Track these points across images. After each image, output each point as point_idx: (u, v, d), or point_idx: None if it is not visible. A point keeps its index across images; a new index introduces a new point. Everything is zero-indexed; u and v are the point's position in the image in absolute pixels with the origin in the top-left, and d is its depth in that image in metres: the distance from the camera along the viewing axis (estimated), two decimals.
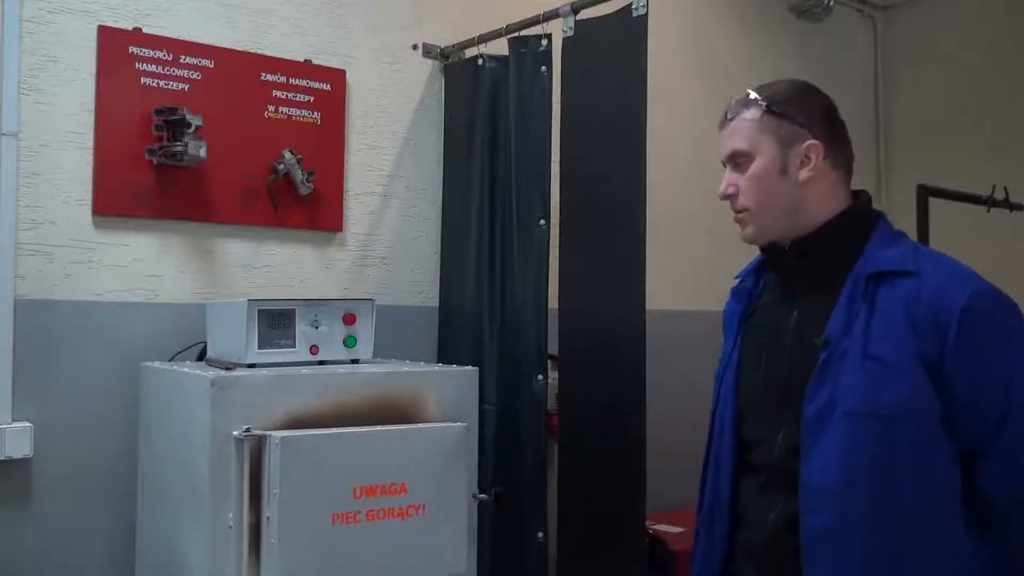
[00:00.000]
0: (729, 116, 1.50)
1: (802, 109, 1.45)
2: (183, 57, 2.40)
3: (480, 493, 2.06)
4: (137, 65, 2.33)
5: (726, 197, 1.50)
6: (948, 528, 1.30)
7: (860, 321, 1.34)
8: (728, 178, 1.49)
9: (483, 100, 2.71)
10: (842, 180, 1.47)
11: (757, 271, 1.61)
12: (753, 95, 1.47)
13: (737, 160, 1.47)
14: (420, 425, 1.99)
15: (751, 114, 1.46)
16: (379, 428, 1.93)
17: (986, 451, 1.31)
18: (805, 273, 1.46)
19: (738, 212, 1.49)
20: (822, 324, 1.38)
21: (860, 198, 1.50)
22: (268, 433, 1.79)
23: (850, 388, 1.32)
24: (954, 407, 1.30)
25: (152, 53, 2.35)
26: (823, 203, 1.44)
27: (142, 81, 2.33)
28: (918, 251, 1.41)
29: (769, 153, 1.44)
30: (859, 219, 1.46)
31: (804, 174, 1.43)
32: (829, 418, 1.33)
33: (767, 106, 1.45)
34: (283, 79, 2.57)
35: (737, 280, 1.64)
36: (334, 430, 1.87)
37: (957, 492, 1.31)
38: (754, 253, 1.59)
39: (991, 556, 1.32)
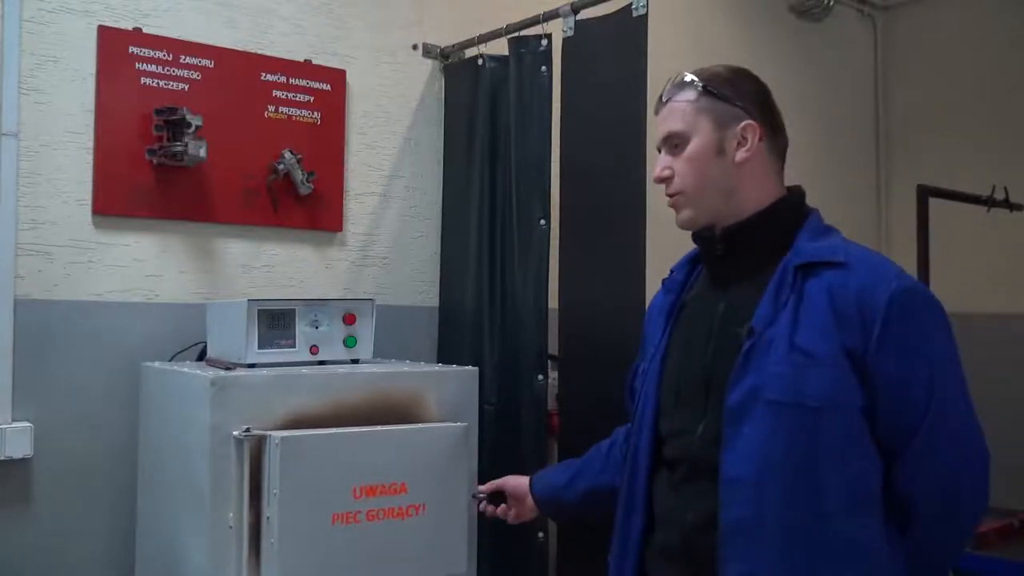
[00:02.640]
0: (664, 99, 1.48)
1: (738, 90, 1.43)
2: (183, 57, 2.40)
3: (479, 493, 2.05)
4: (137, 65, 2.33)
5: (661, 180, 1.47)
6: (868, 527, 1.28)
7: (787, 311, 1.32)
8: (663, 160, 1.47)
9: (483, 100, 2.71)
10: (776, 168, 1.46)
11: (690, 264, 1.58)
12: (689, 76, 1.45)
13: (673, 142, 1.45)
14: (421, 425, 1.99)
15: (687, 95, 1.44)
16: (379, 428, 1.93)
17: (905, 449, 1.29)
18: (734, 264, 1.44)
19: (672, 195, 1.47)
20: (748, 314, 1.35)
21: (793, 191, 1.47)
22: (268, 433, 1.79)
23: (776, 377, 1.29)
24: (876, 403, 1.28)
25: (152, 53, 2.35)
26: (757, 188, 1.42)
27: (142, 81, 2.33)
28: (847, 245, 1.38)
29: (705, 133, 1.42)
30: (789, 211, 1.44)
31: (741, 154, 1.41)
32: (751, 407, 1.29)
33: (703, 86, 1.43)
34: (283, 79, 2.57)
35: (670, 273, 1.62)
36: (334, 430, 1.87)
37: (878, 490, 1.30)
38: None
39: (907, 556, 1.31)
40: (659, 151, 1.49)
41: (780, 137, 1.47)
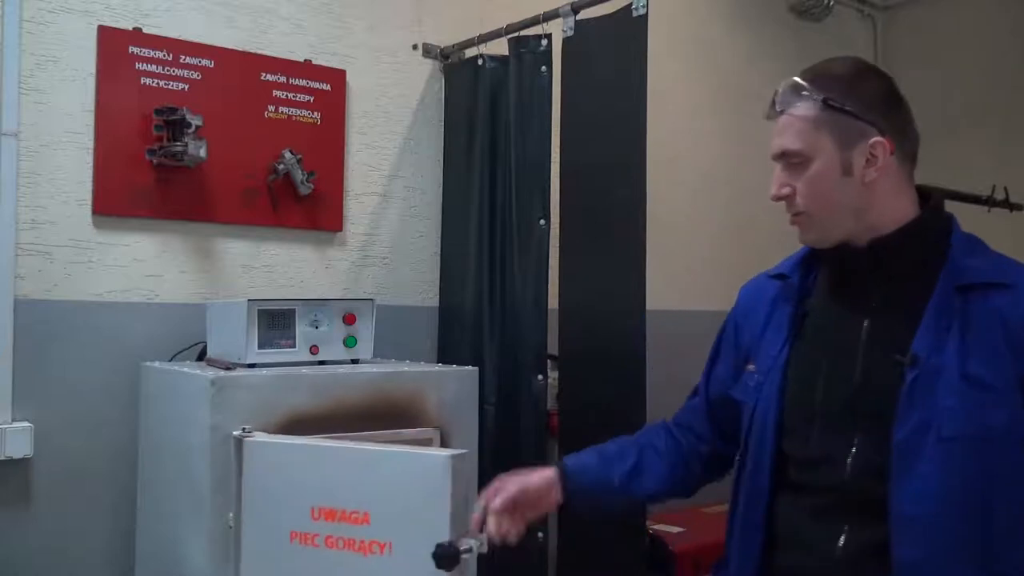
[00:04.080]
0: (779, 108, 1.33)
1: (863, 99, 1.29)
2: (183, 57, 2.40)
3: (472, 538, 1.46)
4: (137, 65, 2.33)
5: (780, 199, 1.35)
6: None
7: (953, 338, 1.23)
8: (780, 178, 1.34)
9: (483, 100, 2.71)
10: (910, 174, 1.34)
11: (804, 267, 1.45)
12: (806, 85, 1.31)
13: (792, 160, 1.32)
14: (394, 448, 1.68)
15: (805, 109, 1.30)
16: (344, 445, 1.71)
17: None
18: (881, 280, 1.32)
19: (795, 215, 1.35)
20: (902, 338, 1.26)
21: (933, 199, 1.36)
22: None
23: (949, 412, 1.21)
24: None
25: (152, 53, 2.35)
26: (892, 202, 1.31)
27: (142, 81, 2.33)
28: (1006, 261, 1.31)
29: (828, 154, 1.29)
30: (938, 224, 1.34)
31: (871, 174, 1.28)
32: (923, 443, 1.22)
33: (824, 100, 1.28)
34: (283, 79, 2.57)
35: (776, 274, 1.49)
36: (296, 439, 1.74)
37: None
38: (754, 254, 1.55)
39: None
40: (775, 161, 1.36)
41: (911, 139, 1.33)
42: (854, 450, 1.29)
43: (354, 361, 2.16)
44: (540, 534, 2.36)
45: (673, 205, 3.34)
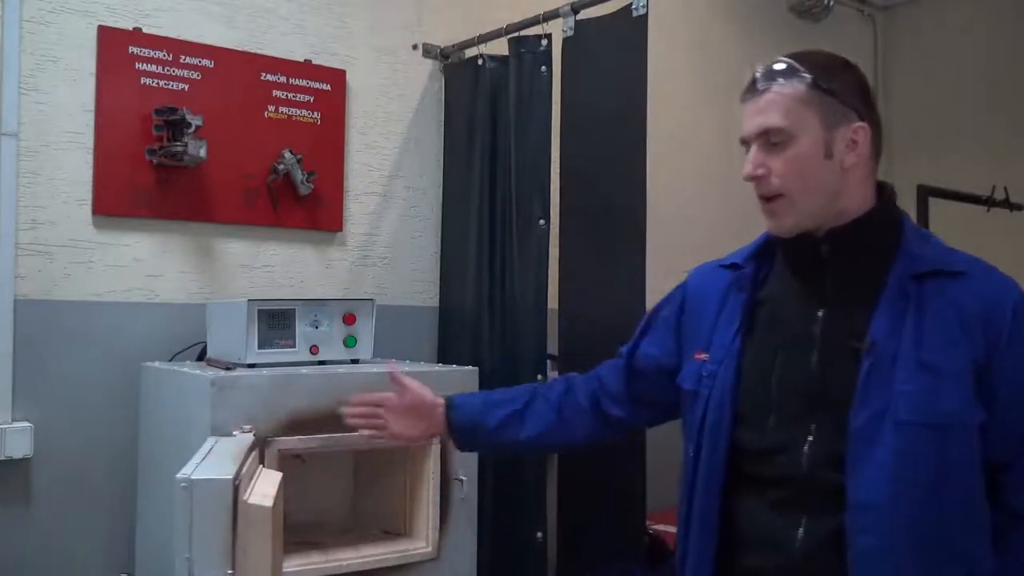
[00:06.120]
0: (760, 87, 1.31)
1: (847, 85, 1.30)
2: (183, 57, 2.40)
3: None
4: (137, 65, 2.33)
5: (754, 179, 1.32)
6: (983, 542, 1.26)
7: (909, 324, 1.24)
8: (755, 158, 1.31)
9: (483, 100, 2.71)
10: (876, 167, 1.36)
11: (757, 258, 1.44)
12: (794, 64, 1.30)
13: (771, 139, 1.30)
14: (193, 461, 1.63)
15: (792, 87, 1.29)
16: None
17: (1019, 460, 1.27)
18: (838, 269, 1.33)
19: (770, 199, 1.32)
20: (859, 326, 1.26)
21: (887, 191, 1.38)
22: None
23: (905, 396, 1.22)
24: (994, 416, 1.24)
25: (152, 53, 2.35)
26: (861, 190, 1.33)
27: (142, 81, 2.33)
28: (955, 251, 1.34)
29: (813, 133, 1.28)
30: (892, 215, 1.36)
31: (850, 159, 1.29)
32: (880, 429, 1.22)
33: (813, 79, 1.28)
34: (283, 79, 2.57)
35: (728, 264, 1.48)
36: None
37: (986, 504, 1.26)
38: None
39: (1004, 561, 1.28)
40: (744, 144, 1.34)
41: (881, 133, 1.35)
42: (811, 439, 1.28)
43: (354, 361, 2.16)
44: (540, 534, 2.37)
45: (673, 204, 3.34)
